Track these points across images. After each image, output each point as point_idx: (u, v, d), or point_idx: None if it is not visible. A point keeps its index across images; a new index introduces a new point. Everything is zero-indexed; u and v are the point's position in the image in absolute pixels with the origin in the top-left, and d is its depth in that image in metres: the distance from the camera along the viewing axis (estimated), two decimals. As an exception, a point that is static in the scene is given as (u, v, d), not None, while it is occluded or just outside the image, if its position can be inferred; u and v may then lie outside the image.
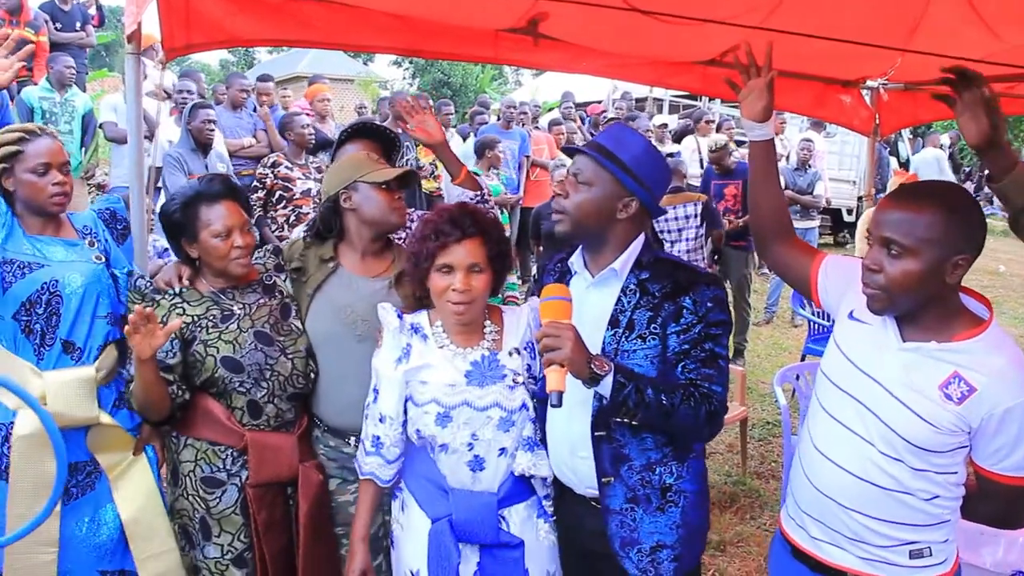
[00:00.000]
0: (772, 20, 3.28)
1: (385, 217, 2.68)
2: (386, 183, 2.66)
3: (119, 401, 2.77)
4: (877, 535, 2.00)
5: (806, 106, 5.17)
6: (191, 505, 2.64)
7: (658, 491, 2.26)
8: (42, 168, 2.61)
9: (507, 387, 2.33)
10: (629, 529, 2.26)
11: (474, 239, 2.29)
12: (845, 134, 12.35)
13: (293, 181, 6.10)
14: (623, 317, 2.24)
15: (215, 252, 2.60)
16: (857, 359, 2.03)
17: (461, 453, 2.31)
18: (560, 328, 2.03)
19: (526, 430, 2.34)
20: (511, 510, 2.37)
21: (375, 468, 2.43)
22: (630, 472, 2.25)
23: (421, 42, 3.88)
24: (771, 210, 2.36)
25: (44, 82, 7.73)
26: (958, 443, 1.91)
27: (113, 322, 2.75)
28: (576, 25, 3.69)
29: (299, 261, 2.77)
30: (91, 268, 2.70)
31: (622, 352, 2.22)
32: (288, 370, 2.63)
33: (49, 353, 2.64)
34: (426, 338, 2.39)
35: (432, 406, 2.31)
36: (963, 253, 1.85)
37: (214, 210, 2.59)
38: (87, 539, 2.73)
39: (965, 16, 3.12)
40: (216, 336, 2.59)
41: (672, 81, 5.05)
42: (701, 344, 2.19)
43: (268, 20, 3.43)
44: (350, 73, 30.06)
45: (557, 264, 2.49)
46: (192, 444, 2.64)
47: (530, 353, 2.41)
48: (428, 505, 2.38)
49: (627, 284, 2.27)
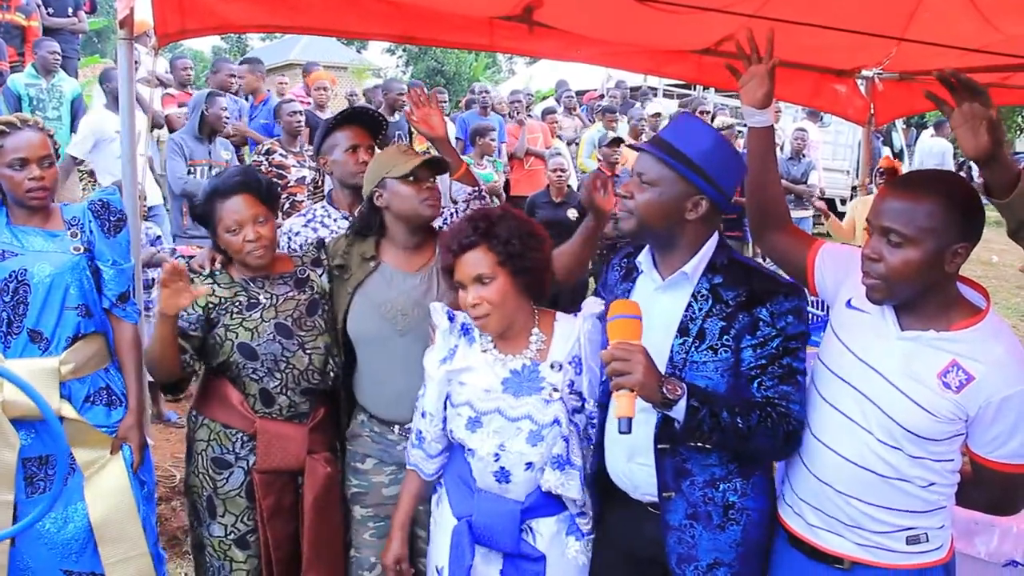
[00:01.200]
0: (767, 8, 3.27)
1: (414, 210, 2.66)
2: (412, 175, 2.63)
3: (94, 397, 2.75)
4: (874, 521, 2.00)
5: (801, 95, 5.18)
6: (200, 483, 2.69)
7: (721, 508, 2.15)
8: (18, 163, 2.59)
9: (543, 400, 2.23)
10: (687, 546, 2.16)
11: (475, 249, 2.19)
12: (840, 123, 12.34)
13: (287, 169, 6.08)
14: (693, 325, 2.12)
15: (230, 247, 2.65)
16: (856, 348, 2.03)
17: (487, 462, 2.26)
18: (631, 350, 1.90)
19: (556, 447, 2.23)
20: (540, 522, 2.30)
21: (418, 461, 2.44)
22: (692, 488, 2.14)
23: (415, 29, 3.86)
24: (769, 198, 2.35)
25: (30, 68, 7.63)
26: (955, 431, 1.92)
27: (85, 314, 2.72)
28: (571, 13, 3.68)
29: (342, 258, 2.76)
30: (64, 259, 2.68)
31: (691, 363, 2.10)
32: (304, 364, 2.65)
33: (16, 341, 2.63)
34: (472, 340, 2.34)
35: (465, 408, 2.29)
36: (962, 242, 1.85)
37: (226, 205, 2.61)
38: (51, 535, 2.69)
39: (961, 5, 3.12)
40: (238, 322, 2.63)
41: (667, 69, 5.05)
42: (779, 360, 2.07)
43: (261, 6, 3.42)
44: (343, 60, 29.90)
45: (623, 260, 2.38)
46: (207, 424, 2.70)
47: (575, 368, 2.29)
48: (456, 503, 2.36)
49: (698, 289, 2.14)
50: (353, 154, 3.12)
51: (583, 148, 10.31)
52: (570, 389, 2.27)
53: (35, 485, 2.68)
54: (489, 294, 2.18)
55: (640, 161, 2.16)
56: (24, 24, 8.57)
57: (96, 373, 2.76)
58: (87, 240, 2.75)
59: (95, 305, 2.76)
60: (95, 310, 2.76)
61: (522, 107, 10.18)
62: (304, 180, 6.02)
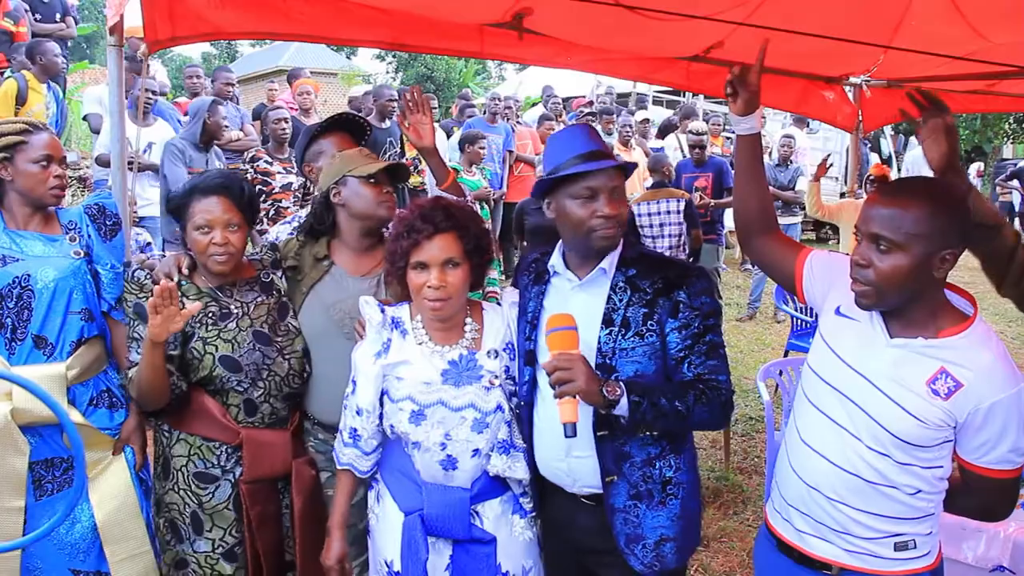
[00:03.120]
0: (756, 16, 3.30)
1: (372, 211, 2.68)
2: (373, 177, 2.65)
3: (97, 400, 2.77)
4: (862, 527, 2.01)
5: (789, 102, 5.20)
6: (182, 499, 2.63)
7: (659, 485, 2.27)
8: (45, 160, 2.64)
9: (483, 388, 2.32)
10: (633, 525, 2.26)
11: (447, 234, 2.27)
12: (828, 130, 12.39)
13: (273, 176, 6.06)
14: (616, 315, 2.23)
15: (195, 246, 2.59)
16: (844, 354, 2.04)
17: (434, 452, 2.31)
18: (572, 359, 2.04)
19: (501, 432, 2.33)
20: (484, 505, 2.37)
21: (352, 459, 2.45)
22: (632, 468, 2.25)
23: (405, 36, 3.86)
24: (756, 204, 2.36)
25: None
26: (944, 438, 1.94)
27: (88, 319, 2.73)
28: (561, 20, 3.69)
29: (294, 260, 2.77)
30: (66, 263, 2.69)
31: (619, 351, 2.21)
32: (285, 370, 2.64)
33: (20, 347, 2.63)
34: (405, 333, 2.38)
35: (407, 403, 2.31)
36: (950, 248, 1.87)
37: (201, 203, 2.56)
38: (60, 536, 2.71)
39: (947, 14, 3.15)
40: (215, 334, 2.59)
41: (656, 76, 5.06)
42: (702, 337, 2.21)
43: (252, 12, 3.41)
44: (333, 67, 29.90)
45: (532, 264, 2.47)
46: (185, 439, 2.63)
47: (509, 354, 2.40)
48: (401, 498, 2.39)
49: (615, 282, 2.26)
50: None
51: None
52: (506, 374, 2.37)
53: (44, 488, 2.70)
54: (454, 279, 2.26)
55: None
56: (12, 30, 8.54)
57: (98, 376, 2.78)
58: (85, 244, 2.76)
59: (96, 309, 2.76)
60: (96, 314, 2.77)
61: (512, 113, 10.17)
62: (290, 187, 6.00)
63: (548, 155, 2.33)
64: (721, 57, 4.10)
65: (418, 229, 2.25)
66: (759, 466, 5.28)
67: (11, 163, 2.64)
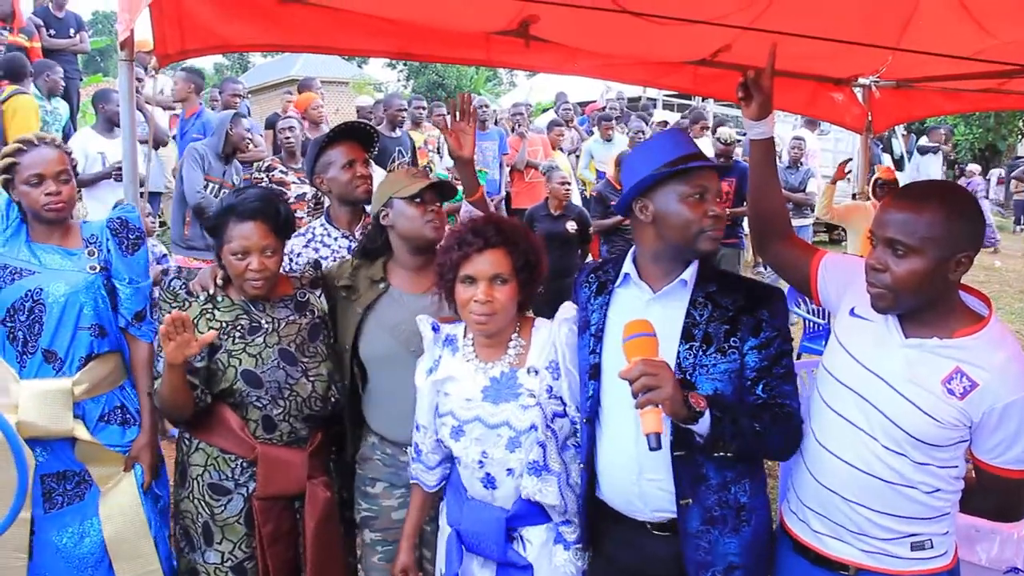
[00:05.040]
0: (762, 20, 3.29)
1: (418, 231, 2.68)
2: (418, 196, 2.65)
3: (108, 416, 2.77)
4: (879, 528, 2.02)
5: (799, 104, 5.18)
6: (195, 508, 2.63)
7: (734, 510, 2.18)
8: (35, 179, 2.64)
9: (520, 407, 2.26)
10: (704, 552, 2.16)
11: (497, 249, 2.24)
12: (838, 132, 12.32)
13: (287, 185, 6.10)
14: (698, 331, 2.14)
15: (231, 269, 2.60)
16: (860, 355, 2.05)
17: (473, 469, 2.31)
18: (658, 366, 1.93)
19: (533, 453, 2.26)
20: (530, 530, 2.33)
21: (418, 473, 2.48)
22: (707, 492, 2.15)
23: (413, 45, 3.89)
24: (770, 208, 2.37)
25: (34, 90, 7.64)
26: (959, 437, 1.94)
27: (99, 334, 2.74)
28: (567, 27, 3.70)
29: (349, 280, 2.76)
30: (79, 278, 2.70)
31: (700, 367, 2.13)
32: (307, 392, 2.63)
33: (31, 361, 2.66)
34: (456, 350, 2.38)
35: (448, 418, 2.32)
36: (966, 251, 1.88)
37: (238, 228, 2.55)
38: (68, 549, 2.73)
39: (955, 13, 3.13)
40: (241, 347, 2.59)
41: (664, 81, 5.06)
42: (780, 360, 2.14)
43: (261, 25, 3.44)
44: (344, 76, 30.02)
45: (591, 276, 2.39)
46: (203, 449, 2.64)
47: (552, 373, 2.32)
48: (450, 512, 2.41)
49: (695, 296, 2.18)
50: (350, 169, 3.13)
51: (582, 159, 10.34)
52: (549, 394, 2.29)
53: (53, 500, 2.72)
54: (501, 295, 2.23)
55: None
56: (27, 45, 8.62)
57: (111, 392, 2.79)
58: (104, 258, 2.77)
59: (110, 324, 2.77)
60: (110, 329, 2.78)
61: (524, 119, 10.19)
62: (304, 196, 6.04)
63: (640, 158, 2.23)
64: (729, 60, 4.10)
65: (468, 242, 2.24)
66: (773, 468, 5.22)
67: (12, 184, 2.66)
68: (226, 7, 3.27)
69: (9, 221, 2.69)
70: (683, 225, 2.12)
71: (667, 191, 2.14)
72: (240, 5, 3.29)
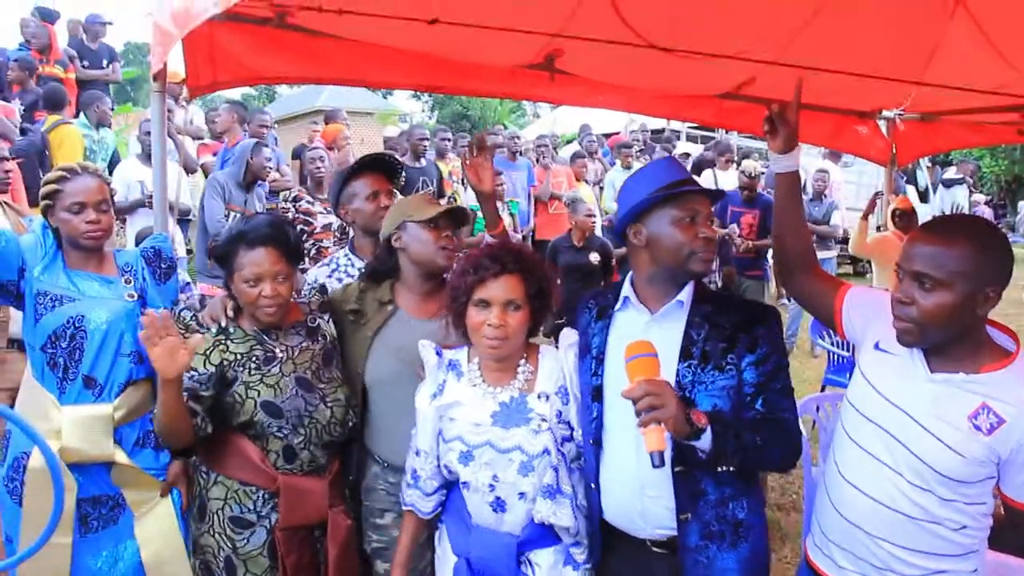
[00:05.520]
0: (786, 55, 3.32)
1: (430, 256, 2.70)
2: (433, 221, 2.68)
3: (143, 440, 2.81)
4: (905, 564, 1.99)
5: (823, 137, 5.20)
6: (217, 543, 2.59)
7: (731, 526, 2.21)
8: (76, 207, 2.70)
9: (532, 431, 2.29)
10: (703, 567, 2.20)
11: (513, 275, 2.27)
12: (863, 164, 12.29)
13: (314, 215, 6.14)
14: (695, 349, 2.20)
15: (243, 297, 2.57)
16: (885, 389, 2.04)
17: (483, 493, 2.31)
18: (660, 385, 1.97)
19: (547, 477, 2.28)
20: (538, 554, 2.33)
21: (415, 500, 2.47)
22: (706, 507, 2.20)
23: (439, 78, 3.94)
24: (795, 241, 2.38)
25: (83, 119, 7.83)
26: (987, 474, 1.92)
27: (138, 361, 2.78)
28: (592, 61, 3.73)
29: (356, 303, 2.78)
30: (119, 306, 2.75)
31: (698, 384, 2.18)
32: (327, 418, 2.62)
33: (71, 387, 2.70)
34: (461, 375, 2.39)
35: (456, 443, 2.32)
36: (994, 285, 1.88)
37: (249, 255, 2.52)
38: (103, 573, 2.76)
39: (979, 46, 3.14)
40: (258, 379, 2.56)
41: (688, 114, 5.10)
42: (777, 375, 2.19)
43: (290, 58, 3.49)
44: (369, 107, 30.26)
45: (591, 301, 2.44)
46: (222, 482, 2.60)
47: (562, 398, 2.36)
48: (454, 540, 2.39)
49: (691, 316, 2.24)
50: (375, 200, 3.16)
51: (606, 190, 10.37)
52: (558, 419, 2.32)
53: (89, 525, 2.75)
54: (514, 321, 2.26)
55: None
56: (62, 76, 8.81)
57: (145, 416, 2.81)
58: (140, 287, 2.82)
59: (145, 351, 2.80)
60: (146, 356, 2.80)
61: (548, 151, 10.24)
62: (331, 227, 6.08)
63: (634, 184, 2.30)
64: (753, 93, 4.13)
65: (485, 267, 2.26)
66: (797, 503, 5.20)
67: (53, 210, 2.72)
68: (257, 41, 3.33)
69: (46, 248, 2.74)
70: (675, 248, 2.19)
71: (660, 215, 2.21)
72: (271, 39, 3.34)
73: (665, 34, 3.27)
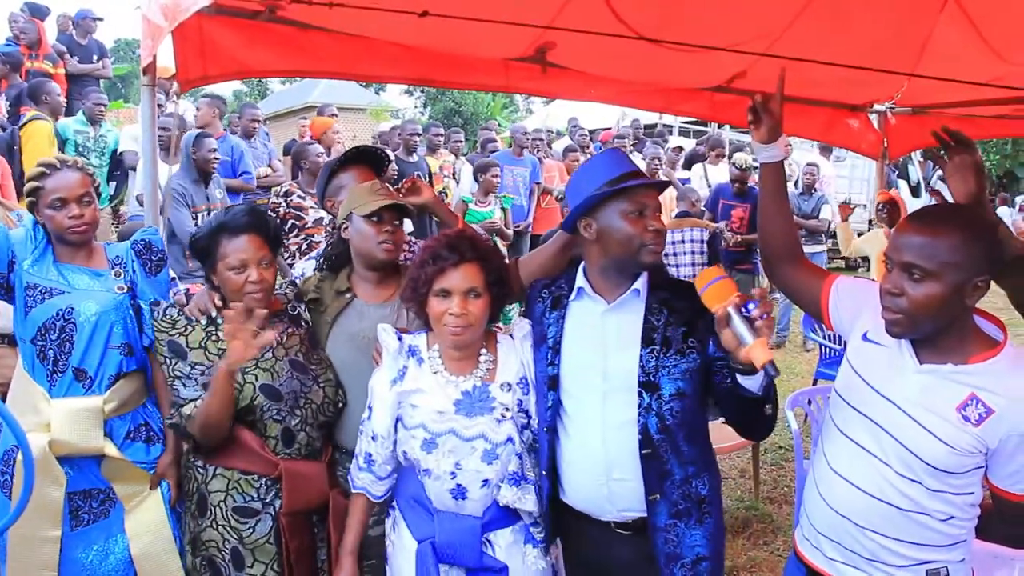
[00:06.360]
0: (778, 47, 3.32)
1: (369, 250, 2.71)
2: (376, 215, 2.68)
3: (134, 433, 2.80)
4: (894, 555, 2.00)
5: (814, 131, 5.20)
6: (221, 536, 2.59)
7: (696, 503, 2.28)
8: (58, 203, 2.68)
9: (495, 420, 2.32)
10: (673, 545, 2.27)
11: (472, 264, 2.30)
12: (855, 158, 12.35)
13: (305, 210, 6.12)
14: (657, 335, 2.25)
15: (229, 285, 2.58)
16: (873, 380, 2.03)
17: (444, 480, 2.32)
18: (768, 300, 1.97)
19: (511, 464, 2.33)
20: (497, 534, 2.37)
21: (367, 484, 2.47)
22: (672, 487, 2.26)
23: (431, 72, 3.92)
24: (781, 232, 2.36)
25: (80, 115, 7.79)
26: (975, 464, 1.92)
27: (127, 353, 2.78)
28: (584, 53, 3.74)
29: (315, 293, 2.81)
30: (109, 298, 2.74)
31: (662, 368, 2.23)
32: (320, 398, 2.65)
33: (61, 380, 2.69)
34: (421, 362, 2.40)
35: (419, 431, 2.33)
36: (983, 275, 1.87)
37: (232, 243, 2.55)
38: (93, 566, 2.75)
39: (970, 40, 3.15)
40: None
41: (681, 107, 5.09)
42: None
43: (281, 52, 3.48)
44: (361, 102, 30.25)
45: (543, 291, 2.47)
46: (222, 474, 2.60)
47: (523, 388, 2.40)
48: (415, 526, 2.40)
49: (650, 303, 2.29)
50: None
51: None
52: (519, 408, 2.37)
53: (80, 518, 2.75)
54: (475, 308, 2.29)
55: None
56: (51, 72, 8.77)
57: (136, 410, 2.82)
58: (130, 279, 2.82)
59: (137, 343, 2.81)
60: (137, 348, 2.82)
61: (543, 145, 10.23)
62: (322, 221, 6.07)
63: (582, 179, 2.34)
64: (745, 87, 4.12)
65: (444, 257, 2.29)
66: (789, 495, 5.22)
67: (37, 207, 2.71)
68: (247, 34, 3.32)
69: (36, 242, 2.73)
70: (626, 240, 2.23)
71: (609, 209, 2.25)
72: (261, 32, 3.34)
73: (656, 26, 3.27)
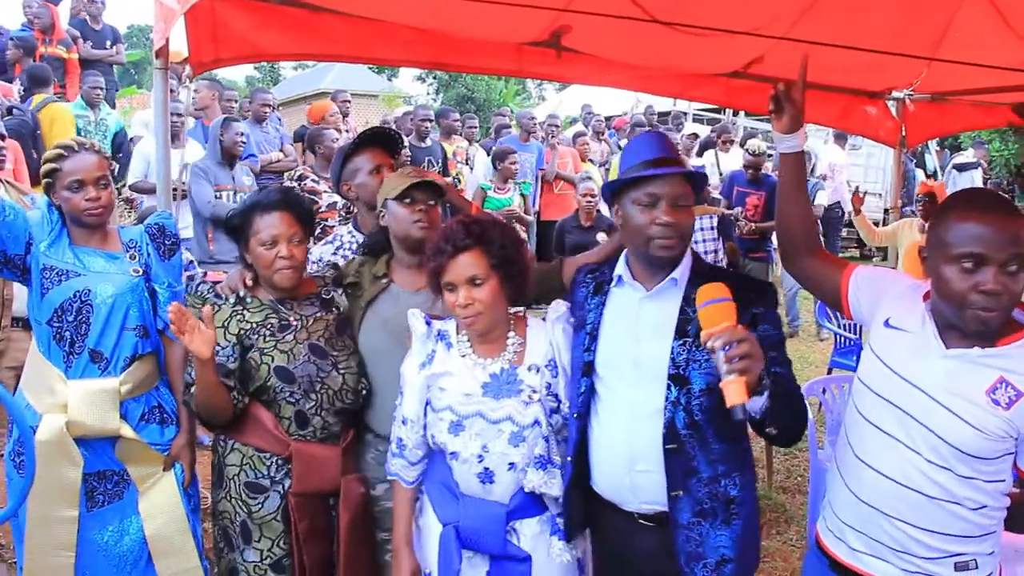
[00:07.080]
0: (796, 31, 3.28)
1: (405, 230, 2.72)
2: (405, 196, 2.70)
3: (148, 415, 2.83)
4: (922, 546, 1.97)
5: (831, 118, 5.15)
6: (233, 508, 2.66)
7: (723, 503, 2.20)
8: (75, 185, 2.70)
9: (522, 403, 2.31)
10: (695, 544, 2.19)
11: (470, 251, 2.27)
12: (872, 146, 12.26)
13: (319, 194, 6.13)
14: (691, 327, 2.16)
15: (261, 261, 2.64)
16: (897, 367, 2.01)
17: (471, 463, 2.32)
18: (748, 336, 1.89)
19: (538, 448, 2.31)
20: (523, 523, 2.36)
21: (399, 469, 2.48)
22: (699, 485, 2.19)
23: (445, 56, 3.90)
24: (800, 223, 2.34)
25: (79, 100, 7.85)
26: (1005, 449, 1.90)
27: (143, 335, 2.80)
28: (598, 38, 3.70)
29: (355, 277, 2.83)
30: (125, 280, 2.76)
31: (693, 362, 2.16)
32: (338, 385, 2.66)
33: (77, 361, 2.71)
34: (450, 346, 2.40)
35: (447, 413, 2.33)
36: None
37: (265, 219, 2.62)
38: (109, 547, 2.79)
39: (993, 24, 3.10)
40: (272, 345, 2.63)
41: (696, 93, 5.05)
42: (779, 347, 2.17)
43: (293, 35, 3.47)
44: (374, 88, 30.26)
45: (588, 276, 2.43)
46: (239, 449, 2.66)
47: (551, 371, 2.38)
48: (441, 509, 2.40)
49: (688, 293, 2.20)
50: (377, 175, 3.15)
51: (613, 172, 10.34)
52: (547, 391, 2.35)
53: (95, 499, 2.78)
54: (482, 295, 2.27)
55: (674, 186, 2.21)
56: (65, 56, 8.79)
57: (150, 392, 2.84)
58: (144, 262, 2.84)
59: (151, 326, 2.84)
60: (151, 331, 2.84)
61: (557, 131, 10.21)
62: (336, 206, 6.07)
63: (621, 161, 2.32)
64: (761, 72, 4.08)
65: (441, 250, 2.29)
66: (802, 485, 5.20)
67: (54, 189, 2.72)
68: (260, 17, 3.31)
69: (52, 224, 2.75)
70: (636, 231, 2.19)
71: (627, 197, 2.22)
72: (274, 15, 3.32)
73: (672, 9, 3.22)
